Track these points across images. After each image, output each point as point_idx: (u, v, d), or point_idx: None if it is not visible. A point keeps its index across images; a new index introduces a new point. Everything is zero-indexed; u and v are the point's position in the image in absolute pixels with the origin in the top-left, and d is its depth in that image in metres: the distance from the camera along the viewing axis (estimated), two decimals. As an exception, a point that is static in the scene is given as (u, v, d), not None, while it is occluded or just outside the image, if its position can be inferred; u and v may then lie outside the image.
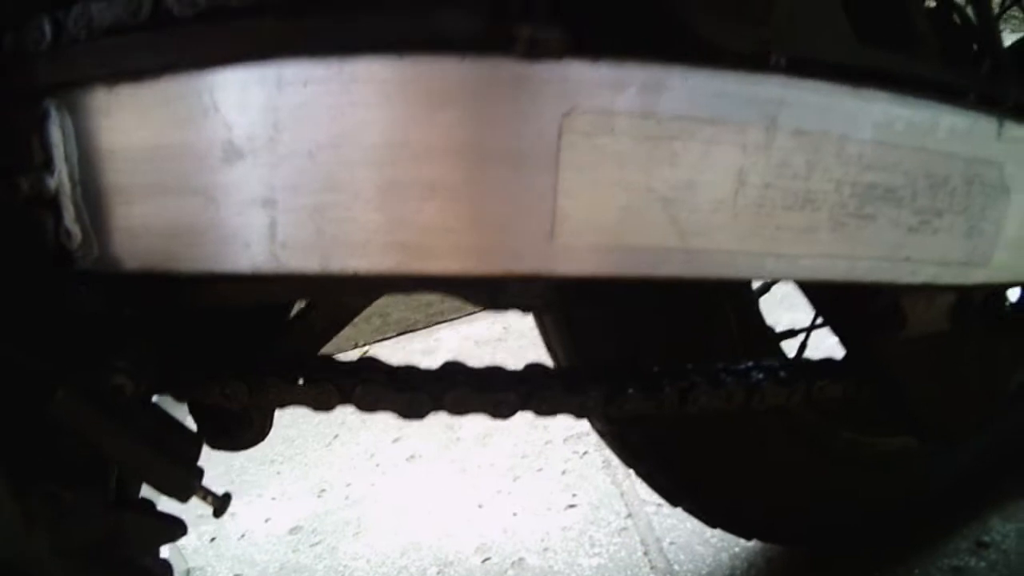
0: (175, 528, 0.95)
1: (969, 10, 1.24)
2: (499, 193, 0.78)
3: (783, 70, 0.85)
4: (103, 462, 0.91)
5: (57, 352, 0.86)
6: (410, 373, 1.02)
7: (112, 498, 0.92)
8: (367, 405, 0.97)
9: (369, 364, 1.02)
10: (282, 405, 0.96)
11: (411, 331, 3.16)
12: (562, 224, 0.80)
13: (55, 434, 0.88)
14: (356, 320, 1.07)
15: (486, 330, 3.02)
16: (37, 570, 0.91)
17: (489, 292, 0.85)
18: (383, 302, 2.63)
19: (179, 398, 0.97)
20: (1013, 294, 1.44)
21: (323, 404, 0.96)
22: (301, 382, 0.96)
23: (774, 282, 1.52)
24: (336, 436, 2.47)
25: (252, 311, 1.00)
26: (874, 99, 0.90)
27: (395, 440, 2.37)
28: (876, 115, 0.90)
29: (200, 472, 0.94)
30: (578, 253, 0.82)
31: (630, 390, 1.05)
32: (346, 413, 2.49)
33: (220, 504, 0.98)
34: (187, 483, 0.92)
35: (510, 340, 2.89)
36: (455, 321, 3.18)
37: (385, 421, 2.42)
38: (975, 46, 1.27)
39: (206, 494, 0.96)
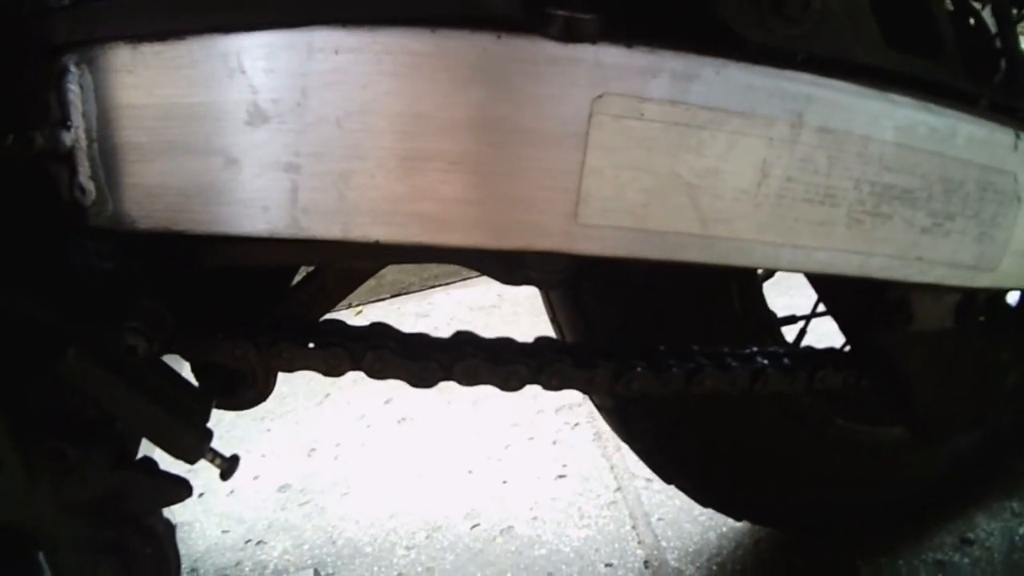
0: (180, 488, 0.95)
1: (986, 14, 1.24)
2: (525, 169, 0.79)
3: (812, 68, 0.86)
4: (109, 420, 0.92)
5: (69, 308, 0.86)
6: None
7: (117, 457, 0.93)
8: (377, 372, 0.98)
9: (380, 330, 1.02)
10: (292, 369, 0.96)
11: (405, 293, 3.16)
12: (586, 203, 0.81)
13: (62, 391, 0.88)
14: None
15: (480, 296, 3.02)
16: (39, 529, 0.92)
17: (505, 266, 0.86)
18: (380, 262, 2.63)
19: (187, 357, 0.97)
20: (1012, 298, 1.45)
21: (333, 369, 0.97)
22: (312, 346, 0.96)
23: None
24: (328, 395, 2.47)
25: (261, 272, 1.00)
26: (898, 103, 0.91)
27: (387, 402, 2.38)
28: (899, 119, 0.92)
29: (210, 434, 0.94)
30: (599, 233, 0.83)
31: (638, 368, 1.06)
32: (338, 372, 2.51)
33: (228, 466, 0.98)
34: (198, 446, 0.93)
35: (504, 307, 2.89)
36: (450, 286, 3.18)
37: (376, 383, 2.40)
38: (990, 52, 1.27)
39: (214, 456, 0.96)
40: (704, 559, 1.63)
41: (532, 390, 1.93)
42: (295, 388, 2.49)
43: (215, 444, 0.98)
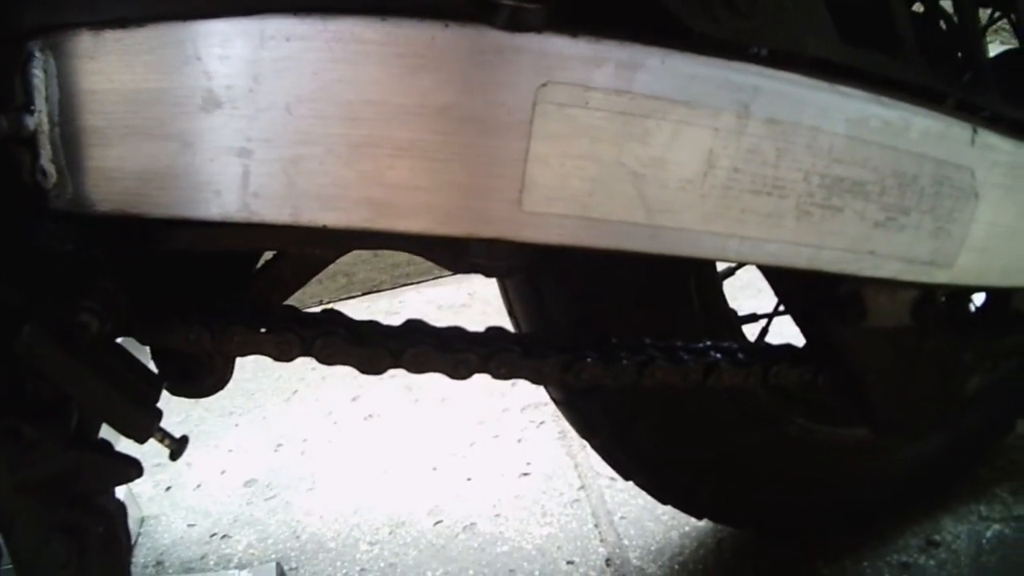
0: (131, 469, 0.96)
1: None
2: (470, 156, 0.80)
3: (761, 60, 0.87)
4: (65, 400, 0.92)
5: (26, 288, 0.87)
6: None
7: (72, 436, 0.93)
8: (327, 357, 0.98)
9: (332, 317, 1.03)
10: (244, 353, 0.97)
11: (376, 291, 3.16)
12: (530, 191, 0.82)
13: (19, 369, 0.89)
14: (321, 277, 1.08)
15: (451, 295, 3.02)
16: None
17: (452, 253, 0.86)
18: (349, 260, 2.63)
19: (143, 341, 0.98)
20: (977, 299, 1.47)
21: (284, 354, 0.97)
22: (264, 331, 0.97)
23: (739, 266, 1.54)
24: (295, 392, 2.47)
25: (220, 258, 1.01)
26: (849, 95, 0.92)
27: (354, 399, 2.38)
28: (850, 111, 0.93)
29: (159, 414, 0.95)
30: (544, 220, 0.84)
31: (588, 359, 1.07)
32: (306, 370, 2.51)
33: (177, 447, 0.98)
34: (146, 424, 0.93)
35: (475, 306, 2.90)
36: (421, 284, 3.18)
37: (344, 380, 2.45)
38: (959, 54, 1.29)
39: (164, 436, 0.97)
40: (666, 558, 1.64)
41: (499, 388, 1.93)
42: (263, 385, 2.49)
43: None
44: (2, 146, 0.83)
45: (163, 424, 0.96)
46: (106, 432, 0.96)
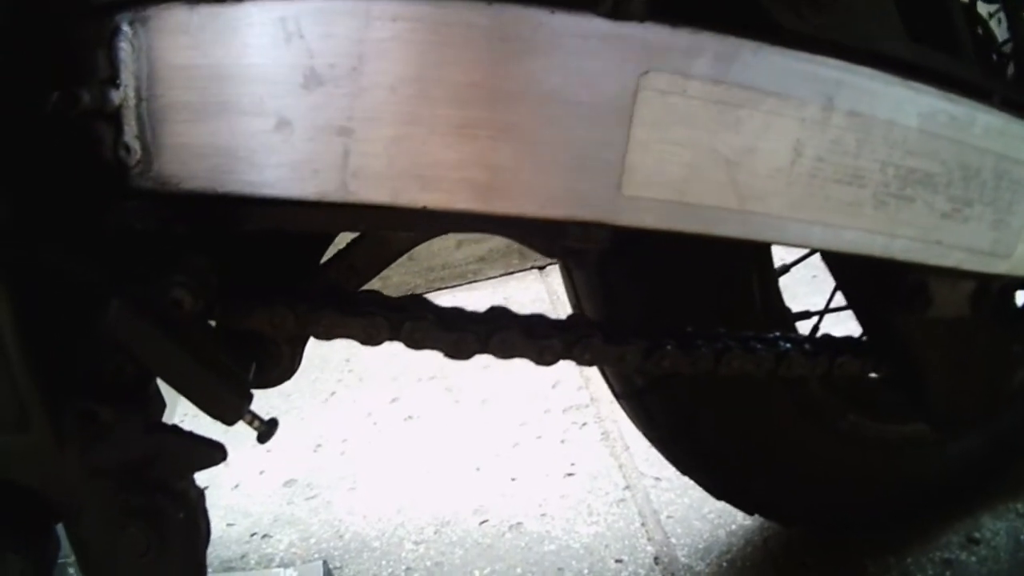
0: (215, 452, 0.95)
1: (993, 23, 1.29)
2: (573, 141, 0.82)
3: (841, 55, 0.90)
4: (145, 382, 0.92)
5: (109, 265, 0.87)
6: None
7: (152, 419, 0.93)
8: (415, 342, 0.99)
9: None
10: (330, 336, 0.97)
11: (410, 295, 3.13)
12: (630, 175, 0.84)
13: (98, 350, 0.88)
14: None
15: (486, 299, 2.98)
16: (63, 495, 0.91)
17: (549, 237, 0.88)
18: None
19: (222, 322, 0.96)
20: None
21: (372, 338, 0.98)
22: (351, 315, 0.96)
23: (793, 264, 1.55)
24: (333, 393, 2.48)
25: (293, 243, 1.01)
26: (921, 91, 0.96)
27: (393, 400, 2.38)
28: (921, 106, 0.96)
29: (250, 396, 0.95)
30: (641, 205, 0.86)
31: (668, 346, 1.08)
32: (343, 372, 2.52)
33: (267, 429, 0.97)
34: (239, 406, 0.93)
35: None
36: (455, 289, 3.20)
37: (382, 381, 2.46)
38: (995, 56, 1.34)
39: (253, 418, 0.96)
40: (714, 556, 1.65)
41: (540, 391, 1.94)
42: (300, 386, 2.49)
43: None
44: (83, 121, 0.82)
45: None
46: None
